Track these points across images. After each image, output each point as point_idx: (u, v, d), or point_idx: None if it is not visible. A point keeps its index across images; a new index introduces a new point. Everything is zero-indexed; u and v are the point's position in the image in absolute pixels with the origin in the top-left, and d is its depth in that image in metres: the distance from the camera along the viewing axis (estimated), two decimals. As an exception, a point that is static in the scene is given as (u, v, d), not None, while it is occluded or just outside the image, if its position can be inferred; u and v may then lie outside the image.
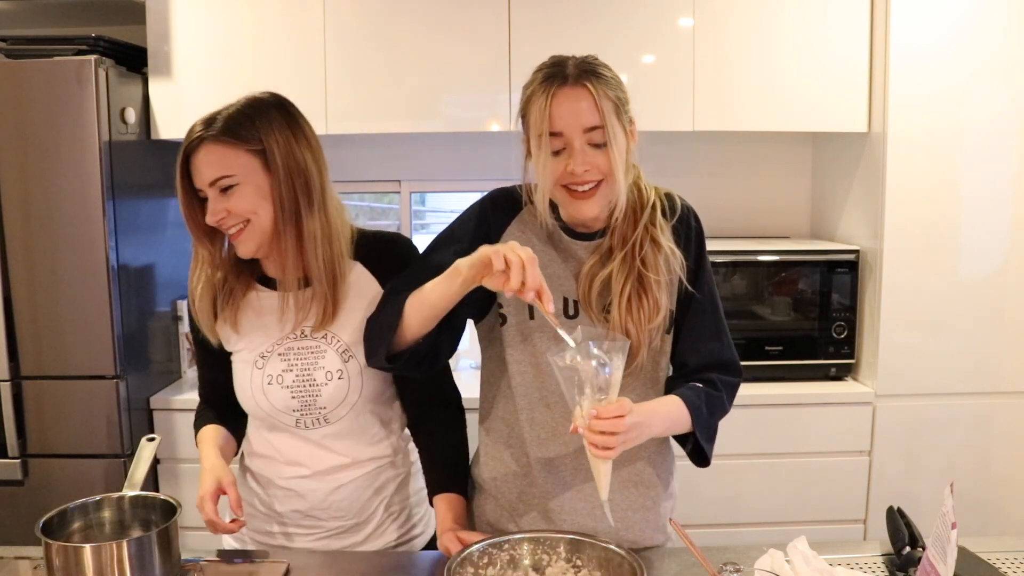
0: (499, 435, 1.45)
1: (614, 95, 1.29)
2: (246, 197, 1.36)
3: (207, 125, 1.37)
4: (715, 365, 1.43)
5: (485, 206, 1.43)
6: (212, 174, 1.35)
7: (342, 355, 1.45)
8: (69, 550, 1.19)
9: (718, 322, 1.44)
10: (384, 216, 3.24)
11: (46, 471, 2.42)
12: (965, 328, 2.59)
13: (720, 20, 2.60)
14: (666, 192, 1.42)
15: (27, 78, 2.30)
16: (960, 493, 1.25)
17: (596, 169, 1.28)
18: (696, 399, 1.36)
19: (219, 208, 1.36)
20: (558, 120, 1.26)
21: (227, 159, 1.35)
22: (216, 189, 1.36)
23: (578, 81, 1.27)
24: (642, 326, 1.34)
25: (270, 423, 1.49)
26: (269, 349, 1.46)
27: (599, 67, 1.31)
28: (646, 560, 1.38)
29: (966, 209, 2.55)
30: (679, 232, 1.40)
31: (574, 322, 1.36)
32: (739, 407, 2.54)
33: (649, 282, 1.34)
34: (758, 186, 3.08)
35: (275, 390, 1.45)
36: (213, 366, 1.54)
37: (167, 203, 2.79)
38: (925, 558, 1.17)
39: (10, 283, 2.36)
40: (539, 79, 1.30)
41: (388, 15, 2.59)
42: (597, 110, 1.26)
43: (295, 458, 1.49)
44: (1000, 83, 2.50)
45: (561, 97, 1.27)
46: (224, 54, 2.59)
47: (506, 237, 1.39)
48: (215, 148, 1.35)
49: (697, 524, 2.46)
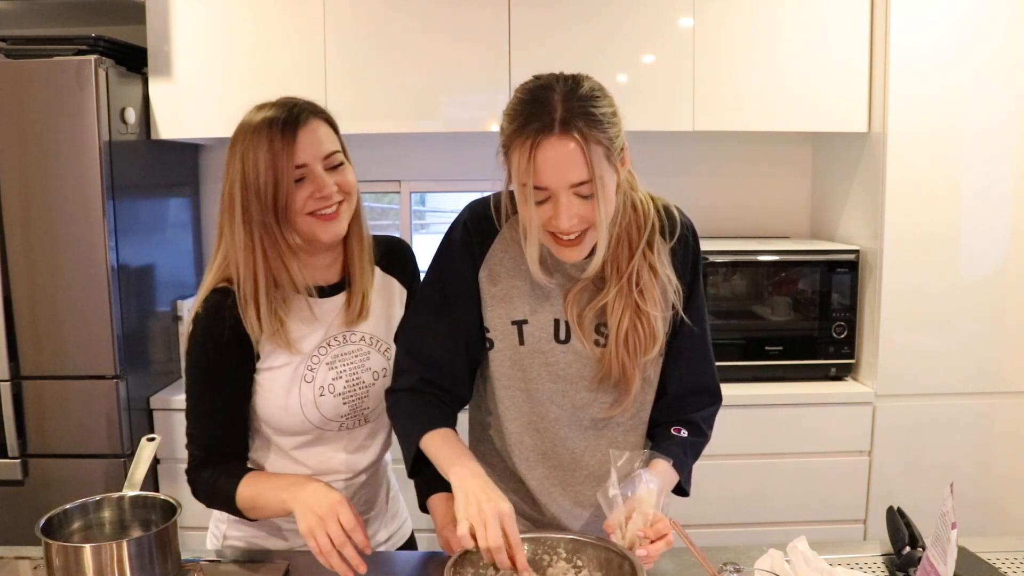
0: (488, 447, 1.45)
1: (605, 138, 1.17)
2: (351, 173, 1.38)
3: (297, 105, 1.34)
4: (695, 391, 1.42)
5: (467, 229, 1.36)
6: (329, 147, 1.34)
7: (384, 353, 1.46)
8: (69, 550, 1.19)
9: (704, 347, 1.41)
10: (384, 216, 3.23)
11: (46, 471, 2.42)
12: (965, 328, 2.59)
13: (720, 20, 2.60)
14: (664, 204, 1.36)
15: (27, 78, 2.30)
16: (960, 493, 1.25)
17: (582, 220, 1.21)
18: (683, 455, 1.37)
19: (331, 181, 1.33)
20: (542, 175, 1.16)
21: (332, 136, 1.37)
22: (328, 164, 1.34)
23: (565, 130, 1.14)
24: (637, 359, 1.32)
25: (302, 440, 1.43)
26: (316, 359, 1.41)
27: (590, 103, 1.17)
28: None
29: (966, 209, 2.54)
30: (676, 253, 1.35)
31: (566, 347, 1.34)
32: (739, 407, 2.59)
33: (647, 315, 1.30)
34: (758, 186, 3.08)
35: (327, 400, 1.41)
36: (224, 402, 1.39)
37: (167, 203, 2.80)
38: (925, 558, 1.17)
39: (10, 283, 2.35)
40: (520, 119, 1.17)
41: (388, 15, 2.59)
42: (586, 163, 1.15)
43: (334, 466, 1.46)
44: (1000, 83, 2.50)
45: (546, 149, 1.15)
46: (224, 54, 2.59)
47: (490, 258, 1.35)
48: (322, 124, 1.35)
49: (697, 524, 2.46)
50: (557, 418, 1.36)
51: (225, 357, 1.36)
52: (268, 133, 1.30)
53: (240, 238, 1.33)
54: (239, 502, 1.35)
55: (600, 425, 1.38)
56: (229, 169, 1.34)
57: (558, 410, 1.36)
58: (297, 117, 1.32)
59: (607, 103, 1.20)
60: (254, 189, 1.30)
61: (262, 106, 1.35)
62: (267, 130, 1.30)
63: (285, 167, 1.29)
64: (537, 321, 1.34)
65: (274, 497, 1.31)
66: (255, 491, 1.34)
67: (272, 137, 1.30)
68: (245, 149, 1.31)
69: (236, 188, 1.32)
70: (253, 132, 1.31)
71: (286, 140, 1.30)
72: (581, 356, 1.34)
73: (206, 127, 2.61)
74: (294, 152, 1.30)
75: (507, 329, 1.35)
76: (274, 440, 1.43)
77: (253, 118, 1.33)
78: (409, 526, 1.66)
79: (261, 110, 1.34)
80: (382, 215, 3.25)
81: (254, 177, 1.30)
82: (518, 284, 1.35)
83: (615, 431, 1.39)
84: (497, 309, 1.35)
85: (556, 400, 1.35)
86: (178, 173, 2.88)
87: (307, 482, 1.30)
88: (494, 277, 1.35)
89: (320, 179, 1.32)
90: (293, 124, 1.31)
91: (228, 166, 1.34)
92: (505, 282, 1.35)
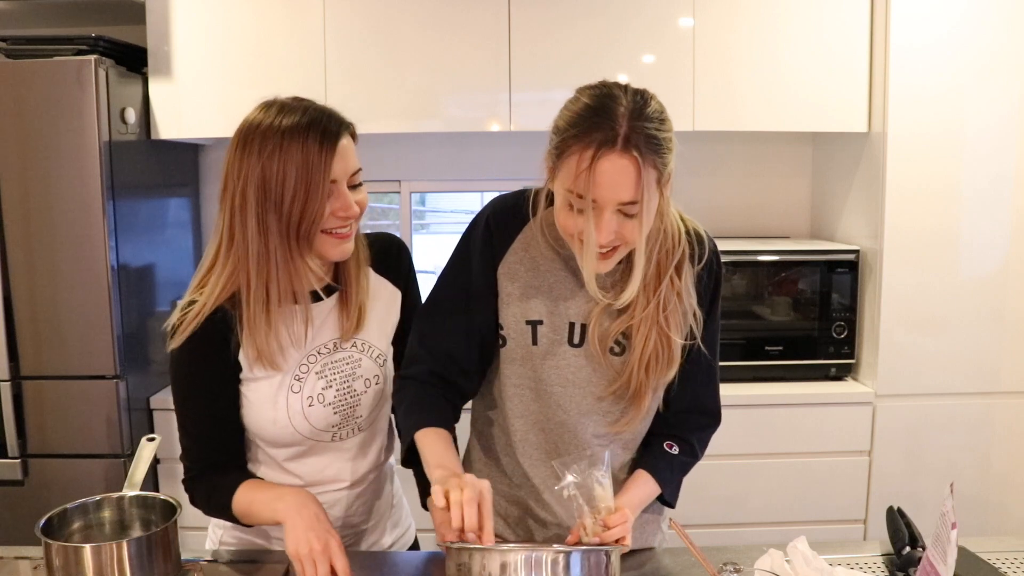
0: (490, 446, 1.45)
1: (661, 163, 1.17)
2: (365, 190, 1.34)
3: (329, 115, 1.27)
4: (696, 410, 1.42)
5: (488, 225, 1.36)
6: (356, 163, 1.30)
7: (376, 360, 1.43)
8: (69, 550, 1.19)
9: (711, 368, 1.40)
10: (384, 216, 3.24)
11: (46, 471, 2.42)
12: (965, 328, 2.59)
13: (720, 20, 2.60)
14: (694, 228, 1.36)
15: (27, 78, 2.30)
16: (960, 493, 1.25)
17: (620, 237, 1.20)
18: (670, 474, 1.38)
19: (354, 201, 1.29)
20: (595, 189, 1.14)
21: (355, 153, 1.31)
22: (352, 181, 1.30)
23: (627, 149, 1.13)
24: (654, 378, 1.32)
25: (293, 451, 1.39)
26: (304, 369, 1.36)
27: (652, 126, 1.16)
28: (650, 554, 1.40)
29: (966, 209, 2.54)
30: (702, 279, 1.34)
31: (578, 351, 1.33)
32: (739, 407, 2.58)
33: (670, 340, 1.30)
34: (758, 186, 3.08)
35: (317, 410, 1.36)
36: (214, 415, 1.35)
37: (167, 203, 2.80)
38: (925, 558, 1.17)
39: (10, 283, 2.36)
40: (583, 126, 1.15)
41: (388, 15, 2.59)
42: (638, 185, 1.14)
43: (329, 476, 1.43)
44: (1000, 83, 2.50)
45: (605, 165, 1.13)
46: (224, 54, 2.59)
47: (509, 256, 1.35)
48: (351, 142, 1.30)
49: (697, 524, 2.46)
50: (562, 421, 1.36)
51: (213, 373, 1.33)
52: (303, 142, 1.22)
53: (255, 248, 1.25)
54: (235, 512, 1.34)
55: (602, 442, 1.37)
56: (241, 170, 1.24)
57: (564, 414, 1.35)
58: (338, 129, 1.25)
59: (668, 127, 1.19)
60: (276, 199, 1.23)
61: (282, 109, 1.27)
62: (302, 138, 1.22)
63: (320, 182, 1.22)
64: (552, 323, 1.33)
65: (267, 509, 1.29)
66: (248, 502, 1.32)
67: (308, 148, 1.22)
68: (270, 153, 1.22)
69: (251, 193, 1.24)
70: (282, 136, 1.22)
71: (325, 153, 1.23)
72: (593, 362, 1.33)
73: (206, 127, 2.61)
74: (331, 166, 1.24)
75: (521, 328, 1.34)
76: (266, 451, 1.40)
77: (276, 121, 1.24)
78: (412, 532, 1.64)
79: (282, 113, 1.25)
80: (382, 215, 3.25)
81: (279, 186, 1.22)
82: (537, 284, 1.34)
83: (615, 442, 1.39)
84: (513, 308, 1.34)
85: (563, 404, 1.35)
86: (178, 173, 2.88)
87: (304, 504, 1.26)
88: (512, 275, 1.35)
89: (345, 198, 1.27)
90: (333, 137, 1.24)
91: (239, 166, 1.25)
92: (523, 281, 1.34)
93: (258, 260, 1.26)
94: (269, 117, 1.25)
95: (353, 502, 1.47)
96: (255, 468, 1.42)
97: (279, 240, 1.25)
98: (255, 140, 1.24)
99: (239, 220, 1.26)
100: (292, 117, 1.25)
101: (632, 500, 1.33)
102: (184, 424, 1.37)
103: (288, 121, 1.24)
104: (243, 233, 1.26)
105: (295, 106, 1.27)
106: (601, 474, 1.21)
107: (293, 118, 1.24)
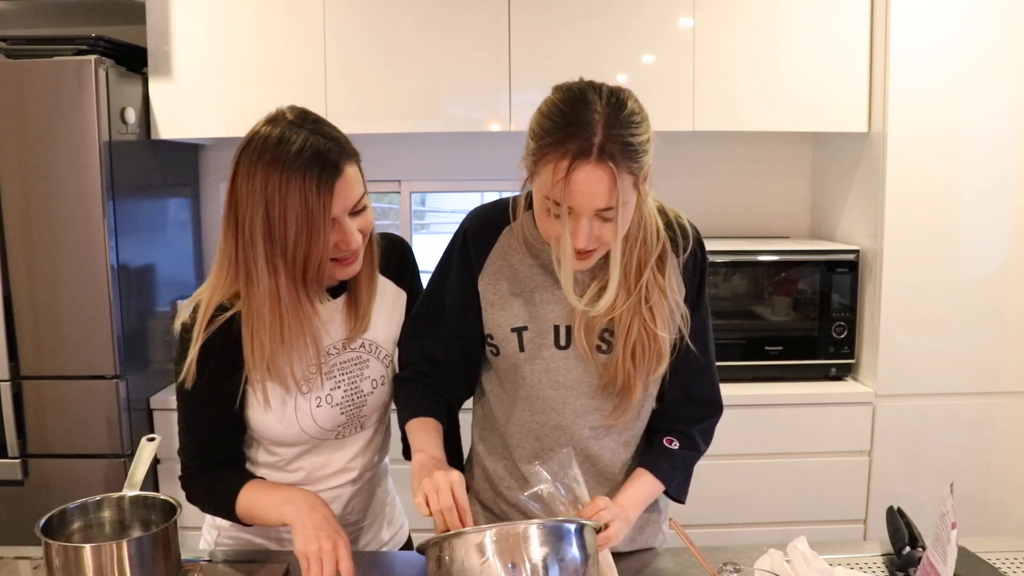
0: (490, 451, 1.45)
1: (637, 167, 1.16)
2: (371, 210, 1.32)
3: (331, 147, 1.24)
4: (693, 400, 1.41)
5: (466, 238, 1.37)
6: (357, 191, 1.28)
7: (383, 360, 1.44)
8: (69, 550, 1.19)
9: (702, 357, 1.39)
10: (384, 216, 3.24)
11: (46, 471, 2.42)
12: (965, 328, 2.59)
13: (720, 20, 2.60)
14: (676, 216, 1.35)
15: (27, 78, 2.30)
16: (960, 493, 1.25)
17: (598, 240, 1.21)
18: (671, 470, 1.37)
19: (355, 230, 1.28)
20: (570, 198, 1.15)
21: (359, 176, 1.29)
22: (354, 210, 1.28)
23: (602, 159, 1.12)
24: (642, 372, 1.31)
25: (297, 450, 1.40)
26: (312, 371, 1.36)
27: (629, 131, 1.15)
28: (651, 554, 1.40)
29: (966, 209, 2.54)
30: (688, 268, 1.34)
31: (566, 352, 1.33)
32: (739, 407, 2.58)
33: (655, 334, 1.30)
34: (758, 186, 3.08)
35: (324, 411, 1.37)
36: (217, 415, 1.36)
37: (167, 203, 2.80)
38: (925, 558, 1.17)
39: (10, 283, 2.36)
40: (557, 134, 1.15)
41: (388, 15, 2.59)
42: (614, 192, 1.14)
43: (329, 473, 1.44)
44: (1000, 83, 2.50)
45: (580, 176, 1.13)
46: (224, 54, 2.59)
47: (488, 267, 1.36)
48: (353, 167, 1.27)
49: (697, 524, 2.46)
50: (557, 425, 1.35)
51: (220, 376, 1.32)
52: (301, 183, 1.20)
53: (264, 285, 1.25)
54: (239, 512, 1.34)
55: (600, 435, 1.37)
56: (246, 200, 1.23)
57: (558, 417, 1.35)
58: (337, 162, 1.23)
59: (644, 128, 1.18)
60: (281, 242, 1.23)
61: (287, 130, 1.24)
62: (300, 177, 1.20)
63: (321, 224, 1.22)
64: (537, 328, 1.34)
65: (275, 511, 1.29)
66: (253, 503, 1.32)
67: (307, 190, 1.20)
68: (272, 193, 1.21)
69: (258, 232, 1.23)
70: (282, 171, 1.21)
71: (323, 196, 1.21)
72: (582, 362, 1.34)
73: (206, 127, 2.61)
74: (330, 205, 1.23)
75: (507, 336, 1.35)
76: (268, 449, 1.40)
77: (281, 150, 1.22)
78: (406, 530, 1.65)
79: (284, 141, 1.22)
80: (382, 215, 3.25)
81: (281, 225, 1.22)
82: (517, 291, 1.35)
83: (615, 440, 1.39)
84: (497, 317, 1.35)
85: (556, 407, 1.35)
86: (178, 173, 2.88)
87: (313, 507, 1.26)
88: (493, 285, 1.36)
89: (346, 231, 1.27)
90: (331, 174, 1.22)
91: (245, 195, 1.23)
92: (504, 290, 1.35)
93: (270, 298, 1.26)
94: (272, 141, 1.23)
95: (351, 499, 1.47)
96: (255, 467, 1.42)
97: (288, 284, 1.26)
98: (258, 171, 1.22)
99: (251, 256, 1.25)
100: (295, 144, 1.22)
101: (630, 498, 1.33)
102: (186, 420, 1.37)
103: (291, 150, 1.22)
104: (255, 270, 1.26)
105: (299, 127, 1.25)
106: (575, 473, 1.23)
107: (295, 146, 1.22)
